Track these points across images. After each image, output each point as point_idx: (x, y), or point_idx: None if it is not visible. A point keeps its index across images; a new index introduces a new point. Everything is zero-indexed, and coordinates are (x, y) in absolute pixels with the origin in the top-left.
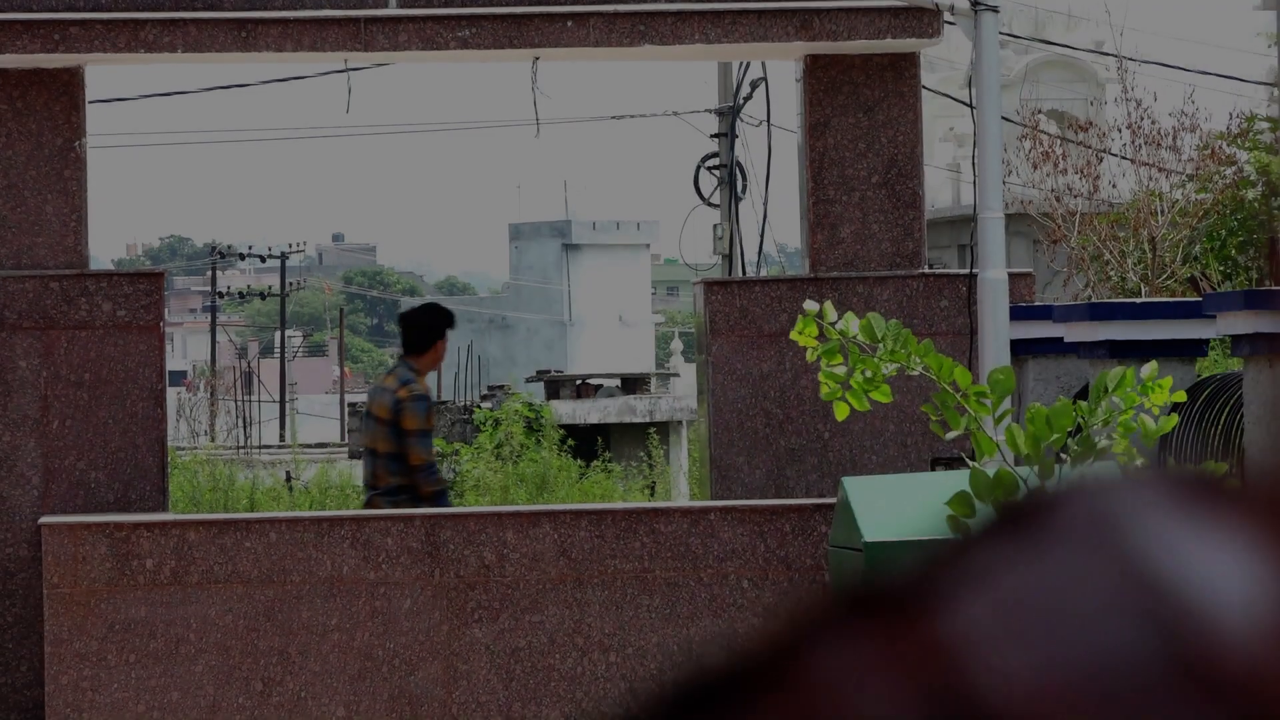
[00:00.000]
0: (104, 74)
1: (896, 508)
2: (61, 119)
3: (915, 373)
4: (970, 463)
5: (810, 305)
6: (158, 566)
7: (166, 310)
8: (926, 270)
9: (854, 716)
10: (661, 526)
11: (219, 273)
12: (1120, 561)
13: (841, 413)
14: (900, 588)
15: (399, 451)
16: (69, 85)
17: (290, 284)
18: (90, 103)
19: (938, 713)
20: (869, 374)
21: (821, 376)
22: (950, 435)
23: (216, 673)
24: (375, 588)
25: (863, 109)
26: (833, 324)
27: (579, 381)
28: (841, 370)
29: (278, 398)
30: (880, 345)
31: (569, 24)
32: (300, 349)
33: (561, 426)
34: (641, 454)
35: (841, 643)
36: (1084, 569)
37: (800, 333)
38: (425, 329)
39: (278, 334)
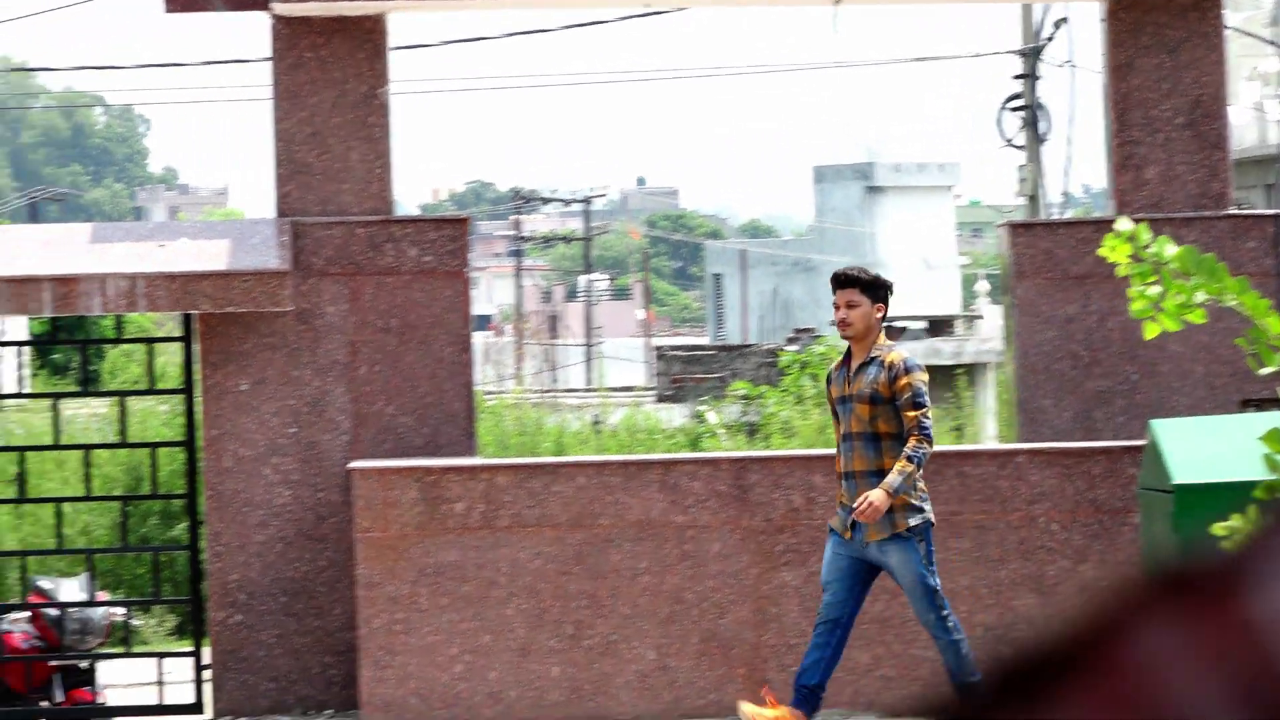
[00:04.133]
0: (407, 21)
1: (1207, 450)
2: (365, 66)
3: (1230, 303)
4: None
5: (1123, 224)
6: (467, 510)
7: (471, 255)
8: (1233, 211)
9: (1167, 698)
10: (969, 469)
11: (523, 217)
12: None
13: (1151, 331)
14: (1212, 570)
15: None
16: (372, 33)
17: (594, 228)
18: (393, 50)
19: (1249, 696)
20: (1181, 298)
21: (1132, 293)
22: (1264, 371)
23: (527, 616)
24: (684, 531)
25: (1166, 50)
26: (1145, 247)
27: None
28: (1154, 291)
29: (583, 341)
30: (1193, 276)
31: None
32: (605, 292)
33: None
34: (948, 396)
35: (1154, 625)
36: None
37: (1111, 249)
38: None
39: (582, 278)
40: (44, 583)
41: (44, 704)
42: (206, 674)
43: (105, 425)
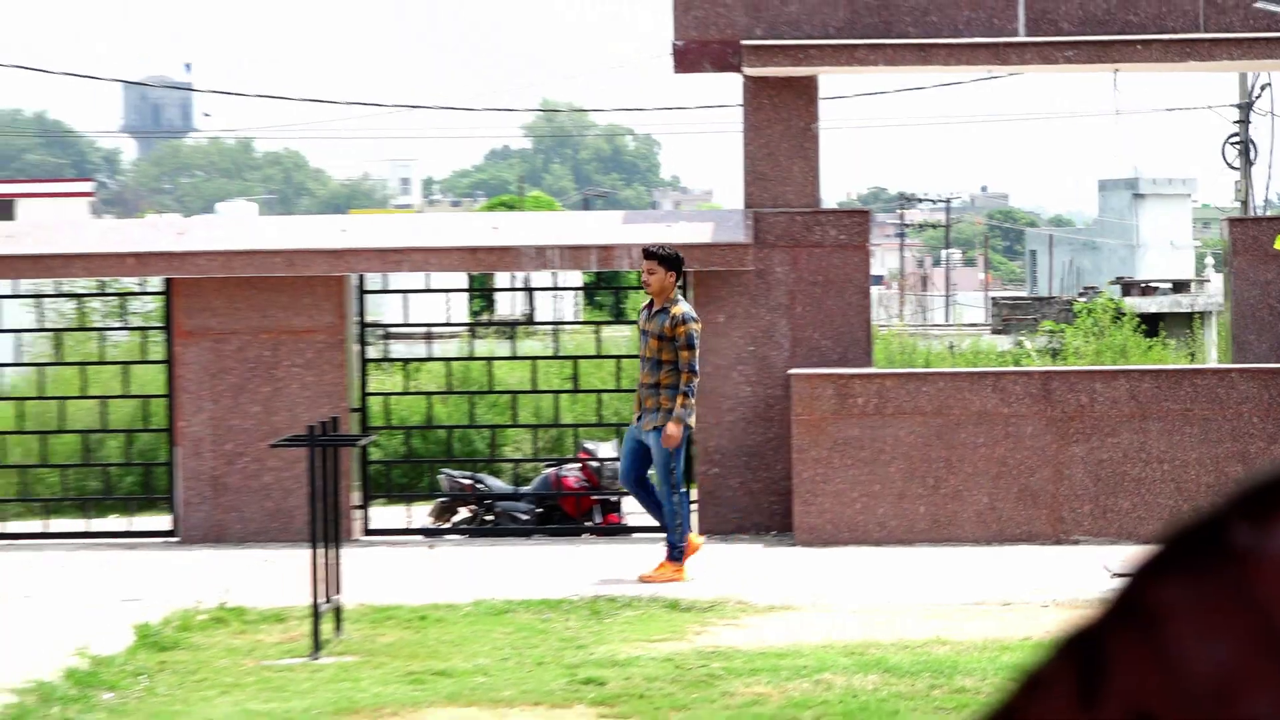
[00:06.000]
0: (831, 80)
1: None
2: (802, 109)
3: None
4: None
5: None
6: (866, 403)
7: (871, 235)
8: None
9: None
10: (1199, 381)
11: (905, 211)
12: None
13: None
14: None
15: None
16: (808, 88)
17: (952, 219)
18: (821, 99)
19: None
20: None
21: None
22: None
23: (904, 473)
24: (1008, 419)
25: None
26: None
27: (1143, 284)
28: None
29: (944, 293)
30: None
31: (1138, 47)
32: (958, 261)
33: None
34: (1186, 333)
35: None
36: None
37: (1277, 245)
38: None
39: (943, 252)
40: (588, 444)
41: (588, 524)
42: (694, 507)
43: (629, 343)
